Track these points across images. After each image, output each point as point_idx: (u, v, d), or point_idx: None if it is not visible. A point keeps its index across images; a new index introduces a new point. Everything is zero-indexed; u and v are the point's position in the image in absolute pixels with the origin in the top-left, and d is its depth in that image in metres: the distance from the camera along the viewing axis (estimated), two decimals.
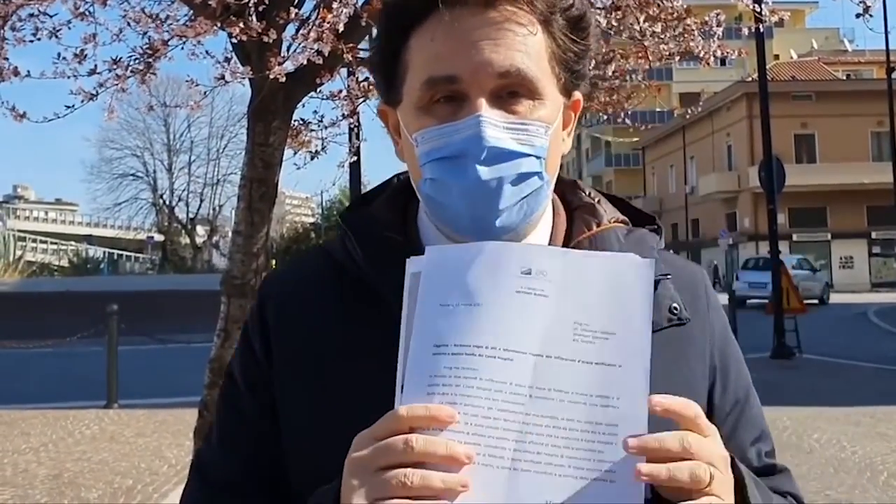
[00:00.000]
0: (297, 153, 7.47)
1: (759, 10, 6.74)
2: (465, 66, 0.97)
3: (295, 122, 6.90)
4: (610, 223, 1.10)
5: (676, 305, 1.07)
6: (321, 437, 1.00)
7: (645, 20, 6.02)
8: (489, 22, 0.98)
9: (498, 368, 0.84)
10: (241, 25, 5.07)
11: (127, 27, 5.55)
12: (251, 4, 4.98)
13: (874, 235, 49.34)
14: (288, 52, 5.81)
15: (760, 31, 8.45)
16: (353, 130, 7.52)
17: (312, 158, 7.60)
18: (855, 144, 49.11)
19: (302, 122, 7.29)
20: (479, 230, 0.97)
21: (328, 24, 5.02)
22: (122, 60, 5.36)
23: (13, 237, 39.49)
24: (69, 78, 5.33)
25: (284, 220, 58.21)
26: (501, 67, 0.97)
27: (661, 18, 6.06)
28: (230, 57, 5.86)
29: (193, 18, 5.39)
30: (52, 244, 50.12)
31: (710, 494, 0.83)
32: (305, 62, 5.27)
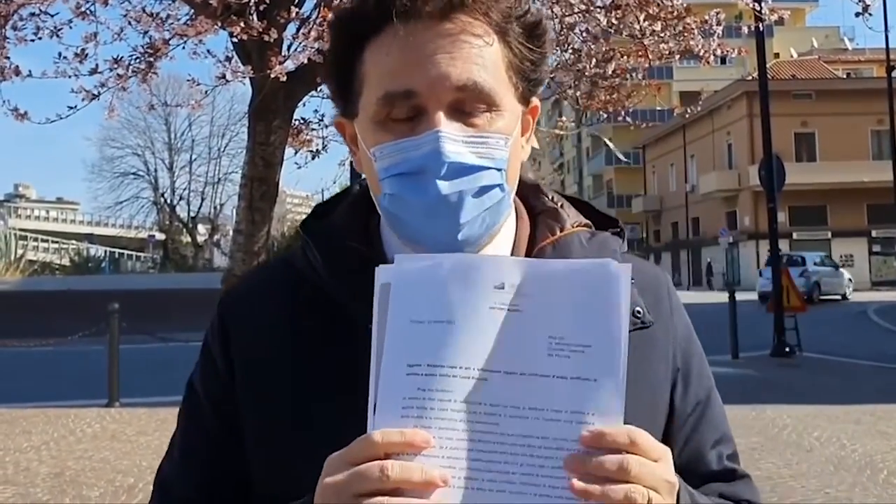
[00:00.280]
0: (297, 152, 7.49)
1: (759, 8, 6.75)
2: (421, 80, 0.96)
3: (296, 121, 6.92)
4: (573, 227, 1.10)
5: (640, 309, 1.06)
6: (283, 449, 1.00)
7: (645, 19, 6.03)
8: (444, 34, 0.97)
9: (472, 389, 0.83)
10: (241, 24, 5.08)
11: (128, 26, 5.57)
12: (252, 4, 4.99)
13: (874, 234, 49.31)
14: (289, 51, 5.83)
15: (760, 29, 8.47)
16: None
17: (313, 157, 7.62)
18: (855, 143, 49.07)
19: (303, 121, 7.31)
20: (440, 245, 0.96)
21: (329, 22, 5.01)
22: (123, 60, 5.38)
23: (14, 236, 39.49)
24: (70, 77, 5.34)
25: (285, 218, 58.07)
26: (458, 81, 0.96)
27: (660, 17, 6.08)
28: (231, 56, 5.88)
29: (194, 18, 5.41)
30: (53, 243, 50.08)
31: None
32: (306, 61, 5.29)
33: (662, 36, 6.25)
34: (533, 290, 0.86)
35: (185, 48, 5.72)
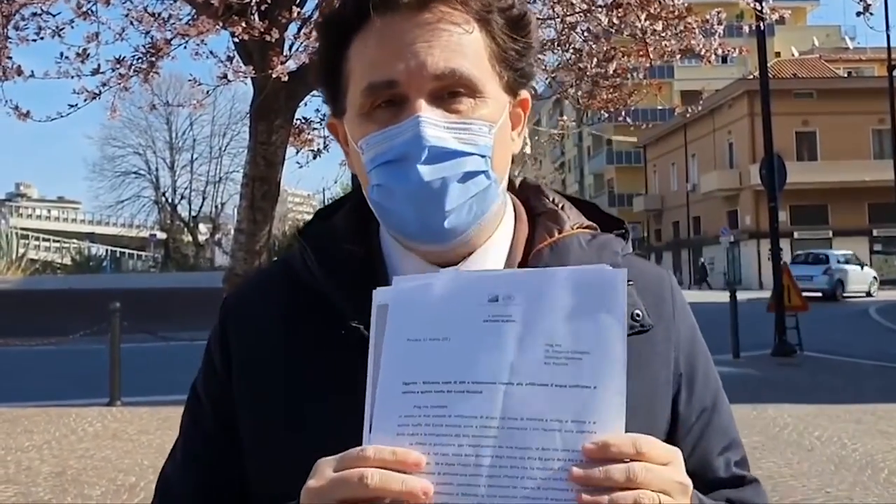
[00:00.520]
0: (299, 151, 7.50)
1: (760, 7, 6.75)
2: (401, 69, 0.96)
3: (297, 120, 6.93)
4: (573, 229, 1.08)
5: (639, 312, 1.04)
6: (276, 450, 1.01)
7: (646, 18, 6.04)
8: (422, 24, 0.97)
9: (468, 403, 0.82)
10: (243, 24, 5.09)
11: (129, 26, 5.58)
12: (253, 4, 5.00)
13: (875, 233, 49.29)
14: (290, 50, 5.84)
15: (762, 28, 8.47)
16: None
17: (315, 157, 7.63)
18: (856, 142, 49.06)
19: (304, 120, 7.32)
20: (427, 234, 0.97)
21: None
22: (125, 60, 5.39)
23: (16, 235, 39.47)
24: (72, 77, 5.35)
25: (287, 217, 58.11)
26: (437, 69, 0.96)
27: (662, 17, 6.08)
28: (233, 56, 5.88)
29: (196, 17, 5.41)
30: (54, 242, 50.09)
31: None
32: (307, 61, 5.30)
33: (664, 35, 6.25)
34: (527, 299, 0.86)
35: (186, 48, 5.74)
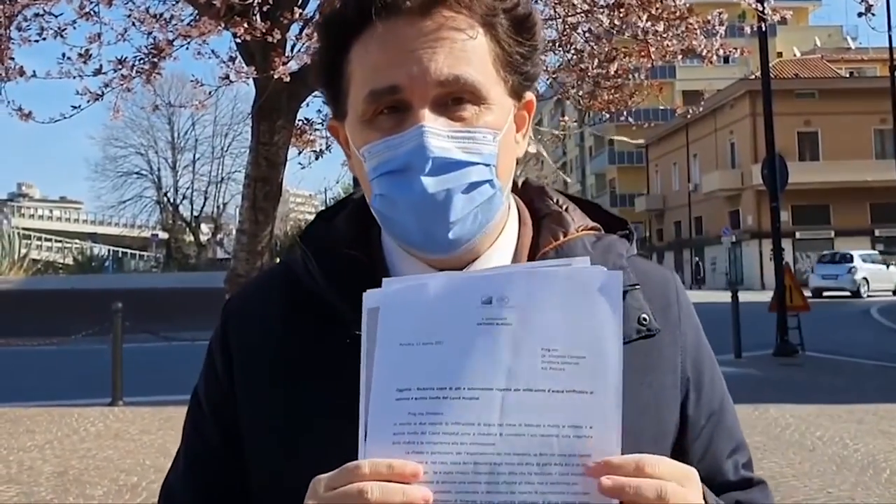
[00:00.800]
0: (301, 152, 7.51)
1: (761, 8, 6.75)
2: (404, 76, 0.94)
3: (299, 121, 6.94)
4: (577, 231, 1.07)
5: (646, 316, 1.03)
6: (276, 457, 1.00)
7: (648, 19, 6.04)
8: (426, 30, 0.95)
9: (464, 409, 0.81)
10: (245, 25, 5.10)
11: (132, 27, 5.58)
12: (255, 4, 5.00)
13: (877, 233, 49.24)
14: (292, 51, 5.84)
15: (763, 29, 8.47)
16: None
17: (317, 158, 7.63)
18: (858, 142, 49.02)
19: (306, 121, 7.33)
20: (431, 245, 0.95)
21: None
22: (127, 60, 5.40)
23: (18, 235, 39.47)
24: (74, 78, 5.35)
25: (288, 218, 58.16)
26: (441, 75, 0.94)
27: (663, 17, 6.08)
28: (235, 56, 5.89)
29: (198, 18, 5.42)
30: (56, 242, 50.12)
31: None
32: (309, 62, 5.30)
33: (665, 36, 6.26)
34: (521, 301, 0.84)
35: (188, 49, 5.74)
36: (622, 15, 5.96)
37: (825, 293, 35.87)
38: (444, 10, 0.96)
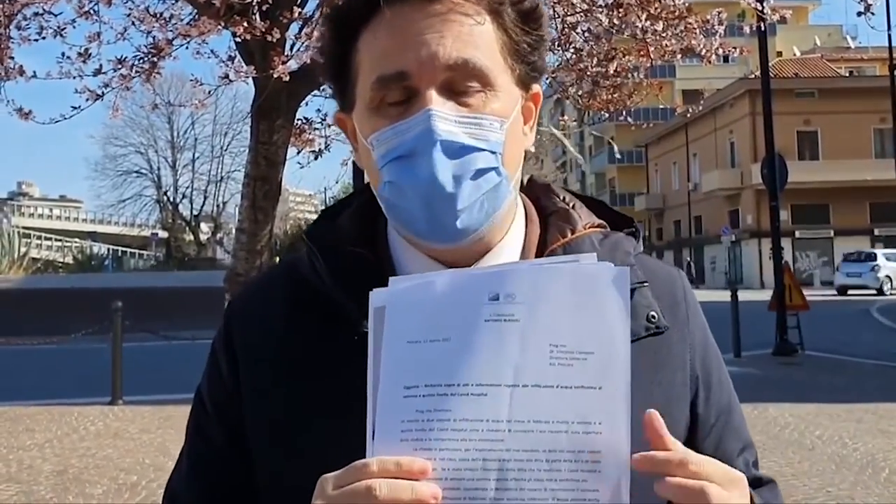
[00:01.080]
0: (300, 151, 7.50)
1: (761, 7, 6.76)
2: (412, 60, 0.94)
3: (298, 120, 6.94)
4: (585, 229, 1.07)
5: (654, 314, 1.03)
6: (283, 458, 0.99)
7: (646, 18, 6.05)
8: (433, 14, 0.95)
9: (472, 406, 0.80)
10: (244, 24, 5.10)
11: (131, 26, 5.59)
12: (255, 4, 5.01)
13: (877, 232, 49.26)
14: (291, 50, 5.85)
15: (763, 28, 8.47)
16: None
17: (316, 157, 7.63)
18: (858, 141, 49.03)
19: (305, 120, 7.33)
20: (438, 233, 0.95)
21: (324, 18, 5.04)
22: (126, 60, 5.40)
23: (18, 234, 39.47)
24: (74, 78, 5.36)
25: (288, 217, 58.09)
26: (449, 59, 0.94)
27: (662, 17, 6.09)
28: (234, 56, 5.89)
29: (197, 18, 5.43)
30: (56, 241, 50.11)
31: None
32: (309, 61, 5.31)
33: (664, 35, 6.26)
34: (529, 297, 0.83)
35: (188, 48, 5.75)
36: (621, 14, 5.97)
37: (850, 291, 37.08)
38: None
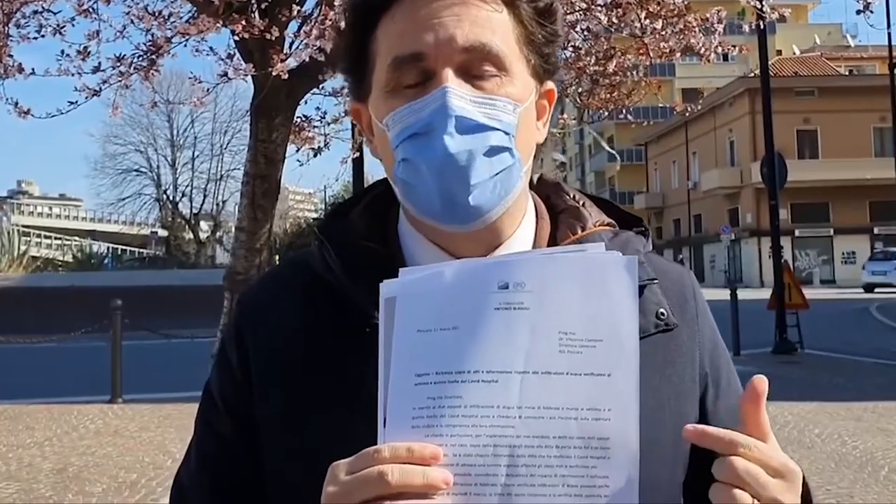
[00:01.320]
0: (299, 149, 7.51)
1: (760, 6, 6.76)
2: (429, 42, 0.96)
3: (298, 118, 6.94)
4: (595, 227, 1.08)
5: (664, 311, 1.04)
6: (295, 453, 0.99)
7: (646, 17, 6.05)
8: (452, 2, 0.98)
9: (482, 392, 0.81)
10: (243, 23, 5.10)
11: (130, 24, 5.59)
12: (254, 2, 5.01)
13: (876, 231, 49.30)
14: (290, 49, 5.84)
15: (762, 26, 8.47)
16: (355, 126, 7.54)
17: (315, 155, 7.64)
18: (857, 140, 49.05)
19: (305, 118, 7.33)
20: (451, 211, 0.96)
21: (330, 21, 5.04)
22: (125, 58, 5.40)
23: (18, 232, 39.51)
24: (73, 75, 5.36)
25: (287, 215, 58.09)
26: (466, 41, 0.96)
27: (661, 15, 6.09)
28: (233, 54, 5.89)
29: (196, 16, 5.42)
30: (56, 239, 50.17)
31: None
32: (308, 59, 5.31)
33: (663, 34, 6.27)
34: (538, 286, 0.85)
35: (187, 46, 5.75)
36: (620, 13, 5.97)
37: (876, 289, 37.18)
38: None
